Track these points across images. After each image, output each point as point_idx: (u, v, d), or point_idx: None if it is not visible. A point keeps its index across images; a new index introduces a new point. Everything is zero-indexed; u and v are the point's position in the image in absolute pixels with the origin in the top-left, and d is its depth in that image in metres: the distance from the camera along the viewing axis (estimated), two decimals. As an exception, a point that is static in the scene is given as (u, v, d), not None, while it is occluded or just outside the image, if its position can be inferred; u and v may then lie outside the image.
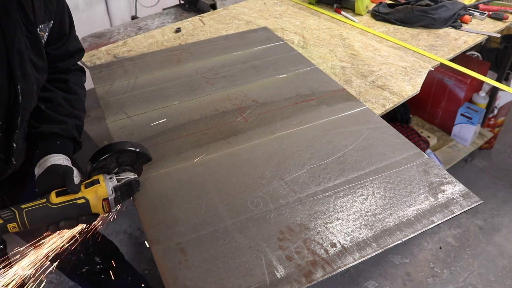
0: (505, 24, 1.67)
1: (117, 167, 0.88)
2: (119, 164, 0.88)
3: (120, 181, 0.85)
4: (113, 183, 0.83)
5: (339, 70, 1.39)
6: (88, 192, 0.81)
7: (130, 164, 0.89)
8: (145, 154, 0.90)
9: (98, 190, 0.81)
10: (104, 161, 0.85)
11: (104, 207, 0.82)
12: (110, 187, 0.82)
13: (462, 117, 2.20)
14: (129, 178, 0.86)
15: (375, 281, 1.83)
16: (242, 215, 0.86)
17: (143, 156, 0.90)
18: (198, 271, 0.76)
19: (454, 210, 0.86)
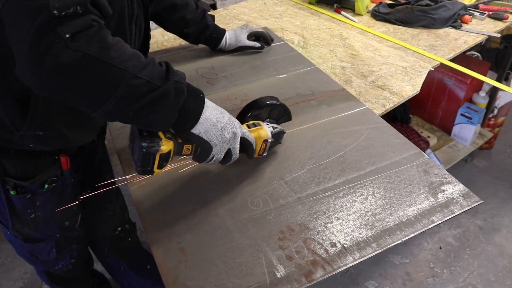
0: (505, 24, 1.67)
1: (267, 118, 1.01)
2: (269, 116, 1.01)
3: (274, 129, 0.95)
4: (269, 129, 0.93)
5: (339, 70, 1.39)
6: (252, 132, 0.90)
7: (276, 118, 1.03)
8: (290, 114, 1.04)
9: (261, 132, 0.91)
10: (259, 110, 0.98)
11: (261, 148, 0.92)
12: (269, 131, 0.92)
13: (462, 117, 2.20)
14: (280, 129, 0.97)
15: (375, 281, 1.83)
16: (242, 215, 0.86)
17: (288, 114, 1.05)
18: (198, 271, 0.76)
19: (454, 210, 0.86)
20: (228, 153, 0.84)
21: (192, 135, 0.77)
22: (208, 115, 0.77)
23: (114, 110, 0.67)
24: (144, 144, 0.74)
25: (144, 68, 0.68)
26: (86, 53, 0.61)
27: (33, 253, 1.12)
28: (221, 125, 0.79)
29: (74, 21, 0.60)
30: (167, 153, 0.77)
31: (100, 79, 0.63)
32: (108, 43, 0.64)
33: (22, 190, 0.94)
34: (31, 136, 0.84)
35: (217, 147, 0.80)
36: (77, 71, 0.61)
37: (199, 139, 0.78)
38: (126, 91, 0.65)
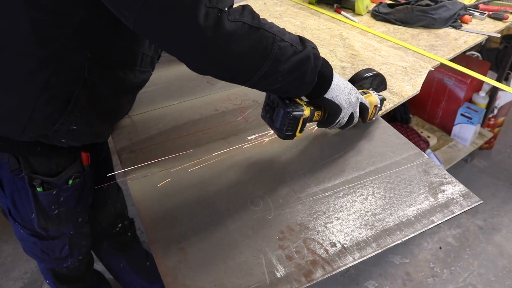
0: (505, 24, 1.67)
1: (369, 87, 1.07)
2: (370, 86, 1.07)
3: (379, 96, 1.03)
4: (376, 96, 1.02)
5: (339, 70, 1.39)
6: (366, 98, 0.98)
7: (375, 88, 1.09)
8: (386, 83, 1.11)
9: (372, 98, 1.00)
10: (364, 80, 1.04)
11: (372, 113, 1.01)
12: (378, 97, 1.02)
13: (462, 117, 2.20)
14: (382, 96, 1.05)
15: (375, 281, 1.83)
16: (242, 214, 0.86)
17: (385, 84, 1.11)
18: (198, 271, 0.76)
19: (454, 210, 0.86)
20: (351, 117, 0.93)
21: (325, 99, 0.86)
22: (336, 81, 0.86)
23: (269, 72, 0.74)
24: (290, 109, 0.83)
25: (285, 33, 0.76)
26: (244, 22, 0.70)
27: (46, 250, 1.13)
28: (348, 90, 0.88)
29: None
30: (307, 117, 0.86)
31: (258, 43, 0.72)
32: (255, 14, 0.74)
33: (48, 186, 0.96)
34: (66, 130, 0.86)
35: (344, 110, 0.89)
36: (240, 38, 0.69)
37: (331, 103, 0.86)
38: (278, 52, 0.73)
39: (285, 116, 0.84)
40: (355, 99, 0.91)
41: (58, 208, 1.01)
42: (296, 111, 0.84)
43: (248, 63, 0.73)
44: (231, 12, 0.69)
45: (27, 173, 0.93)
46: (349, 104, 0.89)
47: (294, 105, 0.84)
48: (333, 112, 0.88)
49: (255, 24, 0.72)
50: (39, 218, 1.00)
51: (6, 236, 2.07)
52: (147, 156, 1.02)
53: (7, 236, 2.07)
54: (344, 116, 0.90)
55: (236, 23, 0.69)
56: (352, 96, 0.90)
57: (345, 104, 0.88)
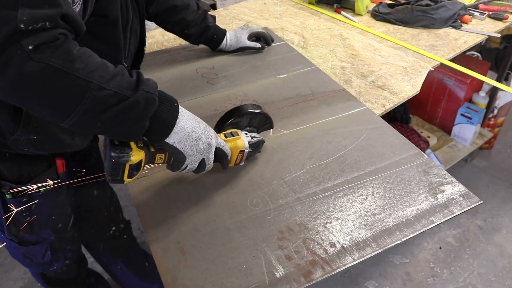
0: (505, 24, 1.67)
1: (247, 126, 0.98)
2: (249, 125, 0.98)
3: (253, 138, 0.94)
4: (247, 138, 0.92)
5: (339, 70, 1.39)
6: (229, 142, 0.89)
7: (257, 126, 1.00)
8: (271, 122, 1.01)
9: (238, 142, 0.89)
10: (239, 118, 0.95)
11: (237, 158, 0.91)
12: (247, 141, 0.91)
13: (462, 117, 2.19)
14: (259, 138, 0.96)
15: (375, 281, 1.83)
16: (242, 214, 0.86)
17: (270, 123, 1.01)
18: (197, 271, 0.76)
19: (454, 210, 0.86)
20: (202, 163, 0.83)
21: (166, 144, 0.76)
22: (183, 125, 0.76)
23: (81, 121, 0.66)
24: (114, 154, 0.74)
25: (112, 78, 0.67)
26: (49, 64, 0.60)
27: (28, 255, 1.12)
28: (196, 135, 0.78)
29: (39, 34, 0.59)
30: (138, 163, 0.76)
31: (64, 91, 0.63)
32: (73, 54, 0.63)
33: (18, 193, 0.94)
34: (25, 140, 0.84)
35: (191, 157, 0.79)
36: (41, 82, 0.60)
37: (173, 149, 0.77)
38: (92, 103, 0.64)
39: (109, 160, 0.75)
40: (205, 146, 0.80)
41: (30, 216, 0.99)
42: (120, 156, 0.74)
43: (53, 109, 0.64)
44: (39, 50, 0.59)
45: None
46: (195, 151, 0.79)
47: (120, 149, 0.74)
48: (177, 159, 0.80)
49: (65, 68, 0.61)
50: (9, 225, 0.98)
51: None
52: (147, 156, 1.02)
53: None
54: (192, 162, 0.81)
55: (39, 64, 0.59)
56: (201, 143, 0.79)
57: (190, 151, 0.78)
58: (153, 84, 0.74)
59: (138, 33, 1.00)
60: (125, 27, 0.91)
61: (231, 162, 0.90)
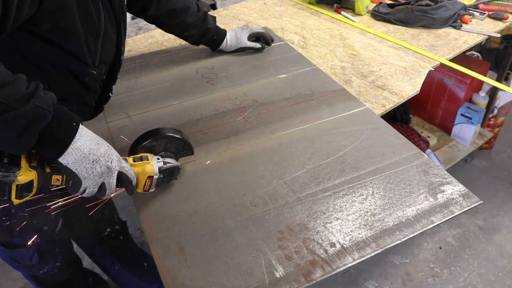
0: (505, 24, 1.67)
1: (163, 151, 0.92)
2: (165, 149, 0.92)
3: (166, 164, 0.88)
4: (159, 164, 0.86)
5: (339, 70, 1.39)
6: (136, 166, 0.83)
7: (175, 152, 0.94)
8: (191, 148, 0.95)
9: (146, 167, 0.84)
10: (154, 141, 0.89)
11: (146, 184, 0.85)
12: (157, 167, 0.85)
13: (462, 117, 2.19)
14: (174, 164, 0.90)
15: (375, 281, 1.83)
16: (242, 214, 0.86)
17: (189, 148, 0.95)
18: (197, 271, 0.76)
19: (454, 210, 0.86)
20: (102, 188, 0.78)
21: (60, 164, 0.73)
22: (79, 145, 0.72)
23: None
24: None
25: (1, 87, 0.64)
26: None
27: (15, 258, 1.11)
28: (94, 158, 0.74)
29: None
30: (27, 183, 0.71)
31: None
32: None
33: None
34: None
35: (87, 181, 0.75)
36: None
37: (67, 170, 0.73)
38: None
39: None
40: (104, 169, 0.76)
41: (10, 220, 0.97)
42: (5, 176, 0.69)
43: None
44: None
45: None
46: (92, 174, 0.75)
47: (6, 168, 0.70)
48: (73, 180, 0.76)
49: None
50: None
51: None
52: (146, 156, 1.02)
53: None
54: (90, 186, 0.76)
55: None
56: (99, 165, 0.75)
57: (85, 174, 0.74)
58: (49, 99, 0.70)
59: (113, 42, 0.98)
60: (95, 36, 0.89)
61: (139, 187, 0.85)
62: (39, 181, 0.73)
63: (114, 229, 1.43)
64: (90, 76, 0.94)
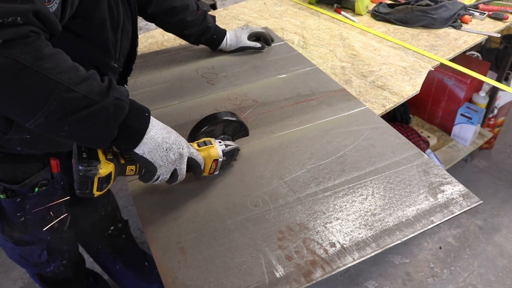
0: (505, 24, 1.67)
1: (222, 134, 0.96)
2: (223, 133, 0.96)
3: (227, 146, 0.91)
4: (222, 147, 0.90)
5: (339, 70, 1.39)
6: (202, 151, 0.87)
7: (232, 134, 0.98)
8: (247, 130, 0.99)
9: (211, 151, 0.88)
10: (213, 126, 0.93)
11: (211, 167, 0.89)
12: (220, 150, 0.89)
13: (462, 117, 2.19)
14: (234, 146, 0.94)
15: (375, 281, 1.83)
16: (242, 214, 0.86)
17: (245, 130, 0.99)
18: (197, 271, 0.76)
19: (454, 210, 0.86)
20: (174, 174, 0.81)
21: (136, 155, 0.74)
22: (153, 135, 0.74)
23: (47, 122, 0.64)
24: (81, 167, 0.71)
25: (82, 82, 0.65)
26: (17, 60, 0.58)
27: (24, 256, 1.11)
28: (167, 146, 0.76)
29: (10, 29, 0.58)
30: (107, 175, 0.74)
31: (31, 89, 0.61)
32: (43, 53, 0.61)
33: (12, 193, 0.94)
34: (18, 139, 0.84)
35: (162, 168, 0.77)
36: (7, 77, 0.59)
37: (143, 160, 0.75)
38: (59, 104, 0.63)
39: (77, 173, 0.72)
40: (177, 156, 0.79)
41: (24, 216, 0.98)
42: (88, 170, 0.72)
43: (19, 108, 0.63)
44: (8, 45, 0.58)
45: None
46: (166, 161, 0.77)
47: (88, 162, 0.72)
48: (147, 169, 0.78)
49: (35, 66, 0.60)
50: (3, 226, 0.98)
51: (6, 236, 2.07)
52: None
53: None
54: (163, 173, 0.79)
55: (6, 59, 0.58)
56: (173, 153, 0.78)
57: (160, 162, 0.77)
58: (124, 91, 0.72)
59: (130, 34, 1.00)
60: (115, 28, 0.90)
61: (204, 171, 0.88)
62: (116, 173, 0.76)
63: (117, 228, 1.44)
64: (112, 70, 0.96)
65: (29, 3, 0.59)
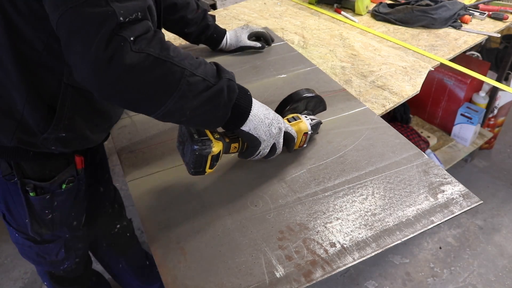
0: (505, 24, 1.67)
1: (304, 110, 1.02)
2: (306, 108, 1.02)
3: (312, 120, 0.98)
4: (308, 121, 0.97)
5: (339, 70, 1.39)
6: (293, 126, 0.94)
7: (312, 109, 1.04)
8: (325, 104, 1.06)
9: (301, 125, 0.95)
10: (298, 103, 0.99)
11: (301, 140, 0.97)
12: (308, 123, 0.96)
13: (462, 117, 2.20)
14: (317, 120, 1.00)
15: (375, 281, 1.83)
16: (242, 214, 0.86)
17: (323, 104, 1.05)
18: (197, 271, 0.76)
19: (454, 210, 0.86)
20: (273, 148, 0.88)
21: (242, 132, 0.81)
22: (256, 112, 0.81)
23: (174, 108, 0.69)
24: (196, 147, 0.78)
25: (199, 66, 0.72)
26: (148, 53, 0.64)
27: (41, 254, 1.12)
28: (268, 121, 0.83)
29: (135, 26, 0.64)
30: (217, 154, 0.81)
31: (163, 77, 0.67)
32: (166, 44, 0.68)
33: (41, 191, 0.95)
34: (54, 138, 0.85)
35: (264, 143, 0.84)
36: (142, 71, 0.64)
37: (249, 136, 0.82)
38: (186, 89, 0.69)
39: (192, 153, 0.79)
40: (277, 130, 0.86)
41: (52, 213, 1.00)
42: (203, 148, 0.78)
43: (151, 98, 0.68)
44: (137, 41, 0.64)
45: (19, 178, 0.91)
46: (269, 136, 0.84)
47: (201, 142, 0.79)
48: (252, 145, 0.84)
49: (162, 56, 0.66)
50: (32, 223, 0.99)
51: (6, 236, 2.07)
52: (147, 156, 1.03)
53: (7, 236, 2.05)
54: (265, 147, 0.86)
55: (139, 54, 0.63)
56: (273, 128, 0.84)
57: (264, 136, 0.83)
58: (231, 74, 0.78)
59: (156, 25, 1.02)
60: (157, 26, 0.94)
61: (295, 145, 0.96)
62: (223, 151, 0.83)
63: (122, 226, 1.45)
64: None
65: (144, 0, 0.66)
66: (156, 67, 0.65)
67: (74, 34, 0.62)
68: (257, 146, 0.84)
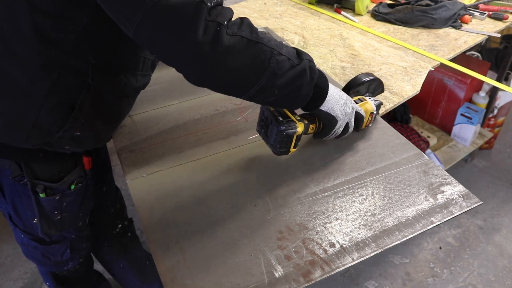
0: (505, 24, 1.67)
1: (366, 92, 1.08)
2: (367, 91, 1.08)
3: (375, 101, 1.04)
4: (372, 102, 1.02)
5: (339, 70, 1.38)
6: (361, 106, 0.98)
7: (373, 92, 1.10)
8: (383, 86, 1.12)
9: (367, 106, 1.00)
10: (361, 86, 1.05)
11: (368, 120, 1.02)
12: (374, 104, 1.02)
13: (462, 117, 2.19)
14: (379, 101, 1.05)
15: (375, 281, 1.83)
16: (241, 214, 0.86)
17: (382, 87, 1.12)
18: (196, 270, 0.76)
19: (454, 211, 0.86)
20: (346, 126, 0.94)
21: (320, 112, 0.87)
22: (332, 93, 0.86)
23: (264, 87, 0.74)
24: (283, 127, 0.85)
25: (283, 47, 0.76)
26: (242, 36, 0.70)
27: (47, 254, 1.13)
28: (343, 101, 0.89)
29: (221, 10, 0.68)
30: (301, 133, 0.88)
31: (256, 57, 0.71)
32: (254, 27, 0.73)
33: (51, 192, 0.96)
34: (69, 137, 0.85)
35: (340, 121, 0.90)
36: (238, 51, 0.69)
37: (327, 115, 0.87)
38: (275, 67, 0.73)
39: (278, 134, 0.86)
40: (351, 109, 0.92)
41: (61, 214, 1.01)
42: (289, 129, 0.85)
43: (245, 77, 0.73)
44: (229, 25, 0.69)
45: (29, 179, 0.92)
46: (344, 114, 0.90)
47: (287, 123, 0.85)
48: (329, 124, 0.90)
49: (253, 38, 0.71)
50: (42, 224, 1.00)
51: (6, 236, 2.07)
52: (147, 156, 1.03)
53: (7, 236, 2.07)
54: (340, 126, 0.92)
55: (234, 37, 0.68)
56: (348, 107, 0.91)
57: (340, 115, 0.89)
58: (309, 55, 0.81)
59: None
60: None
61: (363, 124, 1.01)
62: (303, 132, 0.89)
63: (124, 225, 1.45)
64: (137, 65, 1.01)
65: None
66: (249, 48, 0.70)
67: (165, 28, 0.64)
68: (333, 125, 0.90)
